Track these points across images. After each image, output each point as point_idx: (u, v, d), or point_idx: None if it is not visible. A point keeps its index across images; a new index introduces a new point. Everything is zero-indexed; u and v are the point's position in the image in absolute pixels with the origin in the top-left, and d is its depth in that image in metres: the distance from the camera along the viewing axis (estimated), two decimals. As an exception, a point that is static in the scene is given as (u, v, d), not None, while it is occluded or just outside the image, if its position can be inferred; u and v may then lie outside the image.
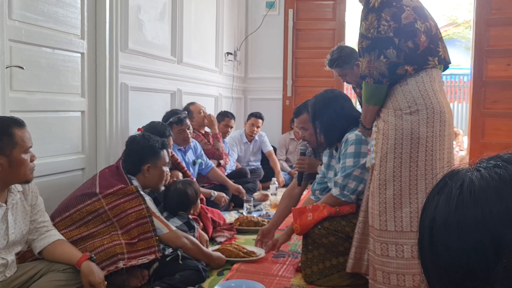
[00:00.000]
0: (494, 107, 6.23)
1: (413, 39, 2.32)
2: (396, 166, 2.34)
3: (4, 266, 2.17)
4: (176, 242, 2.85)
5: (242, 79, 7.26)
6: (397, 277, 2.33)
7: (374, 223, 2.41)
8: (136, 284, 2.73)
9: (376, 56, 2.31)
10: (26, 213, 2.28)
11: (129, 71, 4.13)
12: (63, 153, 3.43)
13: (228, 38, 6.64)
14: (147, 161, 3.05)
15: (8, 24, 2.83)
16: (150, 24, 4.49)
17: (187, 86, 5.31)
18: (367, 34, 2.34)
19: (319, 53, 7.14)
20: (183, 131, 4.45)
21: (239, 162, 6.10)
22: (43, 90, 3.19)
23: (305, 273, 2.86)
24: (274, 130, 7.14)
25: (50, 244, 2.38)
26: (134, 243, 2.72)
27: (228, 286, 2.70)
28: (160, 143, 3.13)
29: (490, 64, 6.22)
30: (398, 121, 2.34)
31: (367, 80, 2.36)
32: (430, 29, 2.39)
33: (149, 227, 2.78)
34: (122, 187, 2.87)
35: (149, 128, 3.84)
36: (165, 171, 3.15)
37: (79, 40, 3.52)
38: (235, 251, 3.21)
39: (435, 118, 2.32)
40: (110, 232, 2.74)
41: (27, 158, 2.18)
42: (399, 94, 2.36)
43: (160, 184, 3.19)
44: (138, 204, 2.82)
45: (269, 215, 4.43)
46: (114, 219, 2.78)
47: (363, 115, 2.58)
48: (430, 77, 2.37)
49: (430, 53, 2.38)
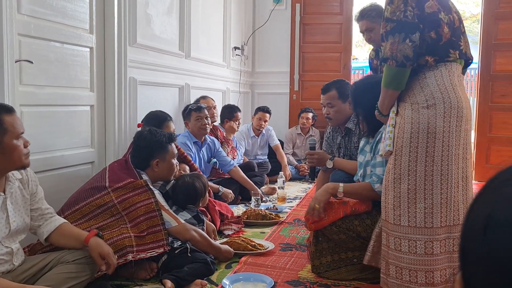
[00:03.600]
0: (502, 101, 6.21)
1: (436, 29, 2.27)
2: (411, 161, 2.29)
3: (10, 254, 2.18)
4: (185, 235, 2.87)
5: (249, 74, 7.27)
6: (410, 273, 2.29)
7: (388, 217, 2.37)
8: (145, 276, 2.75)
9: (401, 38, 2.23)
10: (25, 201, 2.28)
11: (137, 66, 4.15)
12: (72, 147, 3.45)
13: (236, 33, 6.65)
14: (156, 156, 3.08)
15: (17, 18, 2.85)
16: (158, 19, 4.50)
17: (195, 80, 5.32)
18: (392, 17, 2.25)
19: (326, 48, 7.16)
20: (201, 119, 4.52)
21: (246, 156, 6.11)
22: (52, 84, 3.21)
23: (313, 264, 2.87)
24: (281, 124, 7.15)
25: (57, 227, 2.38)
26: (143, 236, 2.75)
27: (236, 279, 2.71)
28: (167, 137, 3.15)
29: (498, 58, 6.19)
30: (415, 114, 2.29)
31: (389, 63, 2.27)
32: (453, 21, 2.33)
33: (157, 220, 2.80)
34: (131, 181, 2.89)
35: (150, 117, 3.88)
36: (174, 163, 3.17)
37: (88, 34, 3.54)
38: (243, 244, 3.22)
39: (452, 113, 2.27)
40: (120, 225, 2.77)
41: (20, 144, 2.15)
42: (417, 87, 2.31)
43: (171, 176, 3.22)
44: (147, 198, 2.85)
45: (277, 209, 4.45)
46: (123, 213, 2.80)
47: (381, 100, 2.47)
48: (449, 71, 2.31)
49: (452, 46, 2.32)
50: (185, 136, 4.58)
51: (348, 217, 2.77)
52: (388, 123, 2.44)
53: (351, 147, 3.42)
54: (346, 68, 7.14)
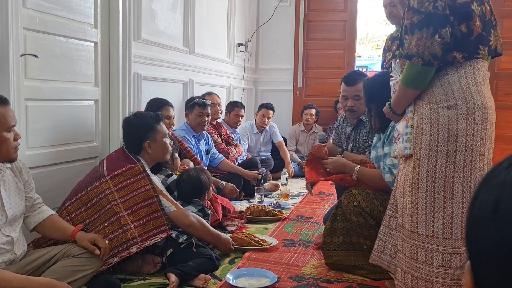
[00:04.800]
0: (506, 99, 6.20)
1: (467, 22, 2.04)
2: (430, 165, 2.10)
3: (11, 243, 2.17)
4: (183, 220, 2.87)
5: (253, 70, 7.27)
6: (426, 284, 2.10)
7: (405, 223, 2.21)
8: (149, 270, 2.76)
9: (430, 34, 2.00)
10: (19, 188, 2.27)
11: (142, 61, 4.15)
12: (76, 142, 3.46)
13: (240, 29, 6.65)
14: (146, 138, 3.04)
15: (23, 12, 2.85)
16: (163, 14, 4.51)
17: (199, 76, 5.33)
18: (420, 8, 2.01)
19: (330, 45, 7.15)
20: (202, 115, 4.54)
21: (249, 153, 6.12)
22: (57, 78, 3.21)
23: (325, 240, 2.86)
24: (284, 121, 7.15)
25: (45, 219, 2.40)
26: (143, 224, 2.75)
27: (239, 274, 2.71)
28: (153, 118, 3.10)
29: (503, 56, 6.14)
30: (434, 115, 2.09)
31: (414, 60, 2.04)
32: (485, 13, 2.08)
33: (156, 206, 2.81)
34: (128, 168, 2.89)
35: (152, 103, 3.90)
36: (166, 142, 3.12)
37: (93, 29, 3.54)
38: (247, 239, 3.22)
39: (476, 114, 2.05)
40: (116, 214, 2.75)
41: (10, 137, 2.12)
42: (436, 85, 2.11)
43: (166, 155, 3.16)
44: (145, 184, 2.85)
45: (280, 205, 4.45)
46: (119, 200, 2.79)
47: (397, 99, 2.27)
48: (474, 68, 2.09)
49: (482, 42, 2.08)
50: (183, 129, 4.57)
51: (373, 201, 2.75)
52: (407, 124, 2.25)
53: (359, 140, 3.40)
54: (350, 66, 7.13)
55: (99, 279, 2.43)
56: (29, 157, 2.95)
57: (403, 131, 2.25)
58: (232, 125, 5.75)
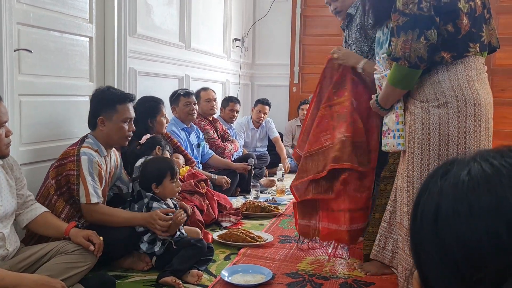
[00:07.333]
0: (502, 95, 6.20)
1: (454, 21, 2.04)
2: (423, 164, 2.14)
3: (2, 240, 2.16)
4: (86, 217, 2.71)
5: (249, 66, 7.25)
6: None
7: (403, 221, 2.24)
8: (142, 268, 2.76)
9: (415, 36, 2.01)
10: (10, 185, 2.25)
11: (137, 56, 4.13)
12: (71, 137, 3.43)
13: (236, 24, 6.62)
14: (100, 113, 2.84)
15: (16, 7, 2.83)
16: (159, 9, 4.48)
17: (194, 71, 5.31)
18: (405, 9, 2.02)
19: (326, 40, 7.12)
20: (189, 104, 4.51)
21: (245, 148, 6.11)
22: (51, 74, 3.19)
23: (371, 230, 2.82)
24: (280, 116, 7.14)
25: (37, 216, 2.38)
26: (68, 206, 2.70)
27: (235, 271, 2.71)
28: (119, 96, 2.89)
29: (498, 52, 6.05)
30: (425, 114, 2.12)
31: (401, 63, 2.07)
32: (475, 9, 2.07)
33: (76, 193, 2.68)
34: (67, 150, 2.79)
35: (146, 103, 3.79)
36: (123, 127, 2.86)
37: (87, 24, 3.52)
38: (242, 236, 3.22)
39: (468, 111, 2.06)
40: (49, 192, 2.68)
41: (2, 133, 2.12)
42: (427, 84, 2.12)
43: (121, 141, 2.92)
44: (72, 168, 2.70)
45: (276, 201, 4.45)
46: (53, 181, 2.70)
47: (385, 96, 2.29)
48: (465, 65, 2.08)
49: (472, 39, 2.07)
50: (171, 124, 4.47)
51: None
52: (397, 120, 2.28)
53: (351, 34, 3.33)
54: (346, 61, 7.10)
55: (93, 275, 2.42)
56: (23, 153, 2.93)
57: (394, 127, 2.29)
58: (228, 120, 5.74)
